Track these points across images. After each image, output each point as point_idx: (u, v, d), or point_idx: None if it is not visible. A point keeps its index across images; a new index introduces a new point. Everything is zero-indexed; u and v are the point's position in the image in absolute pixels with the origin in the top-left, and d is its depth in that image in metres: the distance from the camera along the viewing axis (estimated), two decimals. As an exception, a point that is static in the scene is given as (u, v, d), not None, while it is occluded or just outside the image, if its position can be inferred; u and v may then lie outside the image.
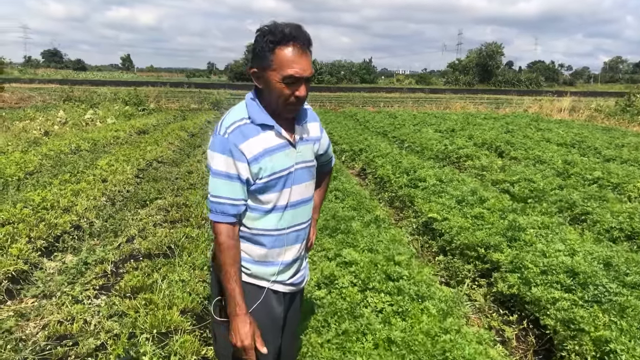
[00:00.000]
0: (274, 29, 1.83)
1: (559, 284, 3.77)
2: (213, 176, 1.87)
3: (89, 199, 6.85)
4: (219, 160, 1.85)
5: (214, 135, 1.89)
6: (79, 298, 4.10)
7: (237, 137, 1.86)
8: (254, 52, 1.88)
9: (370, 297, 3.38)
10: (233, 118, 1.91)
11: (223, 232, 1.88)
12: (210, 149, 1.88)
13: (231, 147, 1.85)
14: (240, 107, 1.96)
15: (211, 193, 1.88)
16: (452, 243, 5.07)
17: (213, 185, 1.88)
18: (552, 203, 6.43)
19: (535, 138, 13.13)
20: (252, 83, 1.97)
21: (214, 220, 1.89)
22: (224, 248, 1.88)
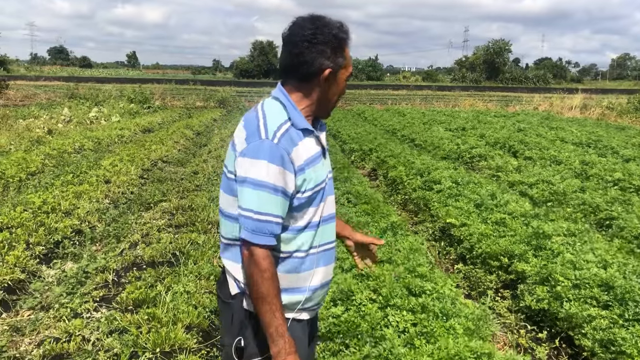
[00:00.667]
0: (339, 26, 1.69)
1: (593, 300, 3.49)
2: (256, 188, 1.57)
3: (91, 202, 6.61)
4: (267, 169, 1.56)
5: (257, 139, 1.60)
6: (77, 311, 3.86)
7: (288, 143, 1.62)
8: (328, 48, 1.67)
9: (391, 316, 3.11)
10: (278, 120, 1.65)
11: (267, 257, 1.59)
12: (253, 156, 1.58)
13: (283, 154, 1.59)
14: (277, 108, 1.69)
15: (253, 209, 1.57)
16: (472, 251, 4.79)
17: (257, 200, 1.57)
18: (575, 207, 6.13)
19: (549, 137, 12.80)
20: (258, 80, 1.74)
21: (257, 243, 1.58)
22: (268, 276, 1.59)
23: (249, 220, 1.58)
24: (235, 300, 1.74)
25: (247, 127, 1.67)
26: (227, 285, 1.77)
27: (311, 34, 1.64)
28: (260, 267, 1.58)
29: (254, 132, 1.63)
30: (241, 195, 1.61)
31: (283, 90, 1.72)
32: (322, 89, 1.71)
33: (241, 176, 1.61)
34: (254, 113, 1.71)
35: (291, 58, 1.67)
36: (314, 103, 1.73)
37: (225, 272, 1.79)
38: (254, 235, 1.57)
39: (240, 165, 1.61)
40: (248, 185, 1.58)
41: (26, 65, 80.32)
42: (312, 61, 1.65)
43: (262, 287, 1.58)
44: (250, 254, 1.59)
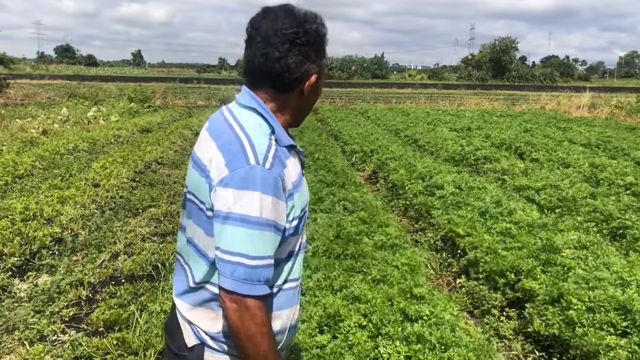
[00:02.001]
0: (319, 18, 1.41)
1: (610, 326, 3.14)
2: (248, 227, 1.25)
3: (76, 207, 6.30)
4: (260, 202, 1.26)
5: (244, 165, 1.27)
6: (44, 333, 3.55)
7: (279, 168, 1.33)
8: (311, 50, 1.38)
9: (382, 347, 2.77)
10: (264, 139, 1.34)
11: (262, 308, 1.30)
12: (241, 187, 1.26)
13: (277, 181, 1.30)
14: (257, 121, 1.39)
15: (246, 254, 1.26)
16: (476, 265, 4.44)
17: (250, 242, 1.26)
18: (585, 215, 5.77)
19: (556, 138, 12.40)
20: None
21: (252, 295, 1.27)
22: (267, 330, 1.31)
23: (240, 267, 1.26)
24: (192, 353, 1.44)
25: (224, 147, 1.33)
26: (180, 335, 1.47)
27: (293, 33, 1.33)
28: (257, 321, 1.28)
29: (237, 155, 1.29)
30: (224, 234, 1.27)
31: (257, 99, 1.41)
32: (304, 97, 1.41)
33: (222, 211, 1.27)
34: (228, 128, 1.38)
35: (269, 62, 1.35)
36: (292, 113, 1.44)
37: (179, 318, 1.48)
38: (246, 285, 1.26)
39: (221, 198, 1.28)
40: (235, 223, 1.26)
41: (32, 64, 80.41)
42: (297, 67, 1.35)
43: (262, 344, 1.30)
44: (242, 308, 1.27)
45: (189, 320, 1.45)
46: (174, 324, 1.51)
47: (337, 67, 71.40)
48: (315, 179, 6.68)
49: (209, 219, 1.35)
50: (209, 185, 1.33)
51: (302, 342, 2.84)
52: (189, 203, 1.46)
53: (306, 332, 2.96)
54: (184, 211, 1.52)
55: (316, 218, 5.13)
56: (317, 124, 16.07)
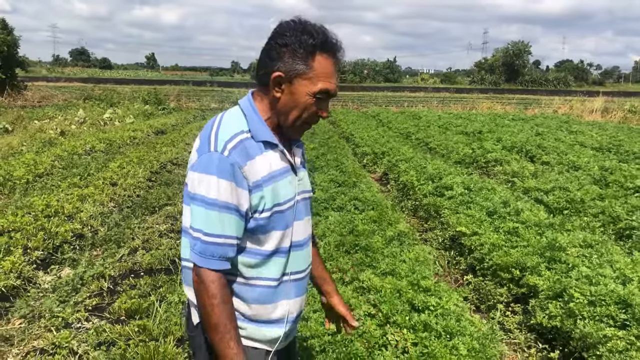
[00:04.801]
0: (313, 30, 1.48)
1: (610, 319, 3.25)
2: (206, 207, 1.41)
3: (95, 205, 6.52)
4: (216, 185, 1.40)
5: (206, 152, 1.44)
6: (69, 320, 3.73)
7: (240, 156, 1.44)
8: (284, 51, 1.48)
9: (390, 334, 2.92)
10: (232, 130, 1.48)
11: (216, 281, 1.43)
12: (201, 171, 1.42)
13: (234, 168, 1.42)
14: (236, 116, 1.53)
15: (202, 230, 1.42)
16: (483, 262, 4.57)
17: (206, 220, 1.42)
18: (593, 216, 5.86)
19: (567, 141, 12.45)
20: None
21: (205, 267, 1.42)
22: (219, 302, 1.43)
23: (198, 242, 1.43)
24: (197, 330, 1.59)
25: (202, 137, 1.52)
26: (189, 316, 1.63)
27: (279, 34, 1.49)
28: (209, 292, 1.43)
29: (204, 144, 1.48)
30: (192, 213, 1.45)
31: (249, 98, 1.58)
32: (274, 96, 1.51)
33: (191, 192, 1.46)
34: (212, 121, 1.56)
35: (259, 57, 1.54)
36: (275, 113, 1.54)
37: (188, 301, 1.64)
38: (202, 258, 1.43)
39: (191, 180, 1.47)
40: (198, 202, 1.43)
41: (48, 67, 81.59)
42: (269, 62, 1.49)
43: (212, 315, 1.44)
44: (199, 279, 1.44)
45: (191, 301, 1.60)
46: (186, 308, 1.69)
47: (349, 71, 71.52)
48: (326, 178, 6.83)
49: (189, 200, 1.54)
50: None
51: (314, 330, 2.99)
52: (185, 189, 1.59)
53: (318, 320, 3.11)
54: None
55: (328, 216, 5.28)
56: (330, 127, 16.24)
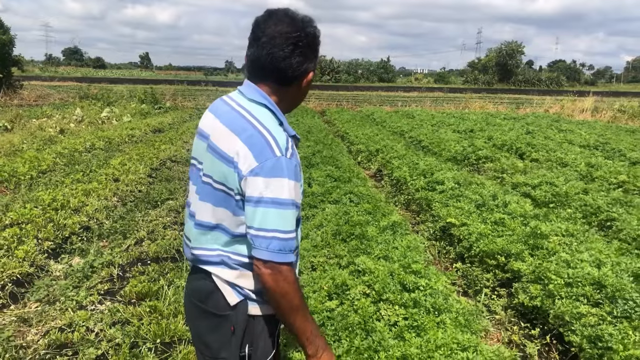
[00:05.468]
0: (315, 23, 1.65)
1: (584, 298, 3.54)
2: (280, 208, 1.51)
3: (99, 199, 6.76)
4: (288, 187, 1.52)
5: (271, 157, 1.52)
6: (83, 303, 3.99)
7: (296, 155, 1.59)
8: (309, 51, 1.63)
9: (383, 310, 3.20)
10: (280, 132, 1.60)
11: (293, 271, 1.57)
12: (271, 175, 1.51)
13: (297, 168, 1.57)
14: (269, 116, 1.64)
15: (280, 229, 1.52)
16: (470, 250, 4.85)
17: (283, 220, 1.52)
18: (576, 208, 6.16)
19: (557, 139, 12.78)
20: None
21: (285, 262, 1.53)
22: (298, 287, 1.59)
23: (275, 241, 1.52)
24: (235, 309, 1.68)
25: (249, 142, 1.56)
26: (218, 297, 1.70)
27: (296, 37, 1.58)
28: (290, 281, 1.55)
29: (264, 149, 1.53)
30: (257, 216, 1.52)
31: (263, 94, 1.66)
32: (300, 91, 1.71)
33: (254, 196, 1.52)
34: (247, 124, 1.60)
35: (274, 60, 1.60)
36: (288, 105, 1.72)
37: (216, 284, 1.70)
38: (281, 255, 1.53)
39: (253, 185, 1.52)
40: (267, 205, 1.51)
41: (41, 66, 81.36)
42: (298, 66, 1.61)
43: (295, 299, 1.57)
44: (276, 272, 1.53)
45: (228, 281, 1.67)
46: (206, 290, 1.72)
47: (343, 71, 71.81)
48: (323, 174, 7.10)
49: (237, 202, 1.59)
50: (239, 174, 1.54)
51: (313, 307, 3.26)
52: (208, 189, 1.68)
53: (317, 299, 3.38)
54: (199, 197, 1.74)
55: (325, 208, 5.56)
56: (325, 126, 16.49)
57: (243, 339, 1.69)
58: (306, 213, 5.59)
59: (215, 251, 1.70)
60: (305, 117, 17.81)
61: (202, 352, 1.82)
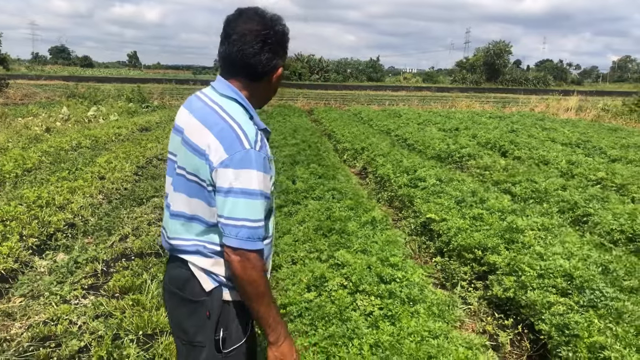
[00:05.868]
0: (283, 20, 1.74)
1: (555, 288, 3.67)
2: (251, 198, 1.59)
3: (85, 197, 6.80)
4: (257, 178, 1.60)
5: (240, 149, 1.60)
6: (66, 298, 4.05)
7: (265, 147, 1.67)
8: (278, 47, 1.71)
9: (360, 300, 3.30)
10: (250, 125, 1.67)
11: (260, 259, 1.65)
12: (240, 167, 1.59)
13: (265, 160, 1.64)
14: (240, 110, 1.72)
15: (249, 218, 1.60)
16: (449, 244, 4.97)
17: (251, 210, 1.60)
18: (554, 204, 6.31)
19: (540, 137, 12.98)
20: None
21: (253, 249, 1.61)
22: (263, 275, 1.66)
23: (244, 229, 1.59)
24: (210, 295, 1.76)
25: (220, 135, 1.64)
26: (195, 284, 1.78)
27: (265, 34, 1.66)
28: (257, 269, 1.63)
29: (233, 142, 1.61)
30: (227, 205, 1.60)
31: (234, 89, 1.74)
32: (271, 86, 1.79)
33: (224, 187, 1.60)
34: (219, 118, 1.68)
35: (245, 57, 1.68)
36: (259, 99, 1.81)
37: (192, 271, 1.78)
38: (250, 242, 1.60)
39: (223, 176, 1.60)
40: (237, 195, 1.59)
41: (27, 65, 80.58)
42: (268, 61, 1.69)
43: (261, 286, 1.64)
44: (244, 259, 1.61)
45: (203, 269, 1.75)
46: (183, 277, 1.80)
47: (332, 70, 71.93)
48: (307, 171, 7.19)
49: (210, 193, 1.67)
50: (210, 166, 1.62)
51: (292, 299, 3.36)
52: (182, 180, 1.76)
53: (296, 291, 3.47)
54: (173, 188, 1.82)
55: (307, 204, 5.65)
56: (312, 124, 16.58)
57: (218, 324, 1.76)
58: (289, 209, 5.68)
59: (191, 241, 1.78)
60: (293, 116, 17.89)
61: (180, 337, 1.91)
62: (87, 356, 3.20)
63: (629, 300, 3.36)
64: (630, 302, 3.32)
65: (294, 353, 1.75)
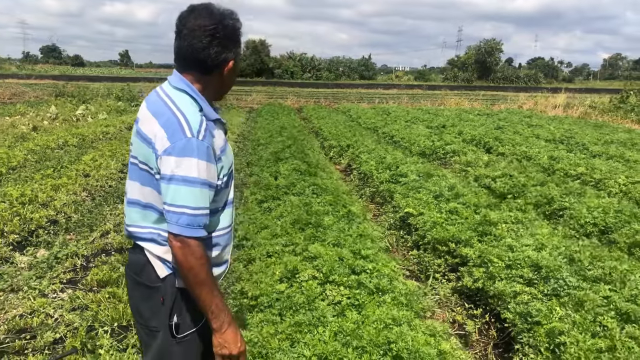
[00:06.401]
0: (236, 16, 1.80)
1: (522, 278, 3.77)
2: (189, 185, 1.64)
3: (68, 194, 6.84)
4: (197, 166, 1.65)
5: (182, 138, 1.65)
6: (45, 292, 4.11)
7: (209, 137, 1.72)
8: (229, 41, 1.76)
9: (329, 290, 3.38)
10: (196, 115, 1.72)
11: (201, 245, 1.70)
12: (181, 155, 1.64)
13: (208, 150, 1.69)
14: (188, 101, 1.77)
15: (188, 205, 1.65)
16: (424, 238, 5.07)
17: (191, 197, 1.65)
18: (531, 198, 6.42)
19: (525, 134, 13.12)
20: (251, 79, 1.87)
21: (193, 236, 1.66)
22: (204, 262, 1.69)
23: (184, 216, 1.64)
24: (165, 281, 1.82)
25: (166, 125, 1.70)
26: (150, 270, 1.84)
27: (213, 29, 1.71)
28: (197, 256, 1.67)
29: (176, 131, 1.67)
30: (169, 192, 1.66)
31: (185, 80, 1.79)
32: (223, 79, 1.84)
33: (167, 174, 1.65)
34: (166, 108, 1.75)
35: (194, 51, 1.73)
36: (214, 92, 1.86)
37: (148, 257, 1.84)
38: (189, 229, 1.65)
39: (166, 164, 1.65)
40: (178, 183, 1.64)
41: (18, 64, 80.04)
42: (217, 55, 1.74)
43: (201, 273, 1.68)
44: (185, 246, 1.66)
45: (157, 256, 1.81)
46: (140, 263, 1.86)
47: (324, 68, 71.98)
48: (290, 167, 7.27)
49: (157, 181, 1.72)
50: (155, 154, 1.68)
51: (263, 290, 3.43)
52: (135, 169, 1.83)
53: (269, 283, 3.55)
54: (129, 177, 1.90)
55: (286, 200, 5.72)
56: (301, 122, 16.65)
57: (172, 310, 1.82)
58: (269, 205, 5.75)
59: (147, 229, 1.85)
60: (282, 114, 17.94)
61: (138, 320, 1.98)
62: (61, 347, 3.26)
63: (591, 289, 3.46)
64: (592, 291, 3.42)
65: (238, 341, 1.78)
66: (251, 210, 5.61)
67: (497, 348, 3.58)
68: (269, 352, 2.66)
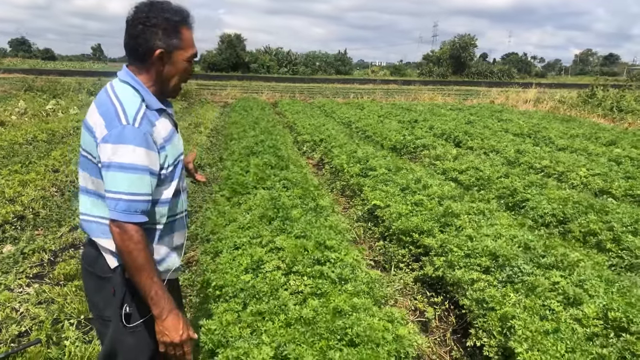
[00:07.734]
0: (171, 8, 1.86)
1: (479, 266, 3.92)
2: (125, 171, 1.70)
3: (37, 190, 6.79)
4: (133, 152, 1.71)
5: (118, 125, 1.72)
6: (11, 287, 4.11)
7: (147, 126, 1.78)
8: (160, 30, 1.81)
9: (292, 280, 3.47)
10: (134, 104, 1.79)
11: (139, 231, 1.75)
12: (117, 142, 1.70)
13: (146, 137, 1.75)
14: (130, 91, 1.84)
15: (124, 191, 1.71)
16: (390, 229, 5.20)
17: (127, 182, 1.71)
18: (496, 190, 6.61)
19: (494, 128, 13.39)
20: (226, 73, 1.90)
21: (129, 222, 1.72)
22: (142, 247, 1.75)
23: (121, 202, 1.71)
24: (115, 272, 1.89)
25: (104, 114, 1.78)
26: (102, 261, 1.92)
27: (145, 17, 1.80)
28: (134, 240, 1.73)
29: (113, 119, 1.74)
30: (108, 179, 1.73)
31: (130, 73, 1.87)
32: (157, 69, 1.87)
33: (105, 162, 1.72)
34: (107, 99, 1.82)
35: (129, 40, 1.83)
36: (155, 83, 1.90)
37: (100, 249, 1.92)
38: (126, 214, 1.72)
39: (103, 151, 1.72)
40: (115, 169, 1.71)
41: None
42: (145, 42, 1.81)
43: (139, 258, 1.74)
44: (122, 231, 1.72)
45: (106, 248, 1.88)
46: (93, 255, 1.94)
47: (301, 63, 71.87)
48: (261, 162, 7.32)
49: (91, 163, 1.82)
50: (95, 142, 1.75)
51: (228, 281, 3.51)
52: (83, 159, 1.89)
53: (234, 274, 3.62)
54: (80, 167, 1.96)
55: (256, 193, 5.79)
56: (275, 117, 16.67)
57: (123, 300, 1.89)
58: (239, 199, 5.81)
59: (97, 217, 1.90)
60: (256, 108, 17.93)
61: (93, 311, 2.05)
62: (26, 339, 3.29)
63: (543, 275, 3.62)
64: (544, 277, 3.58)
65: (180, 329, 1.83)
66: (220, 205, 5.66)
67: (456, 334, 3.73)
68: (229, 340, 2.74)
